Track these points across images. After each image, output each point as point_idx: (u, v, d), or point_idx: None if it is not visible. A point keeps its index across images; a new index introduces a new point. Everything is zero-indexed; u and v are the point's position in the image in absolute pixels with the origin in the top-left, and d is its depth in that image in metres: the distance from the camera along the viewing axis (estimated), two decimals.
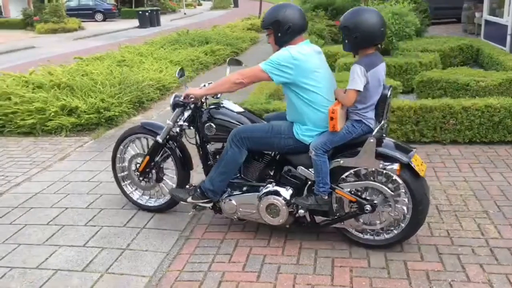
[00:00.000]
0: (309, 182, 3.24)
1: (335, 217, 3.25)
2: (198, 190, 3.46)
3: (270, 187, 3.30)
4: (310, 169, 3.16)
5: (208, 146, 3.61)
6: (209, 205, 3.51)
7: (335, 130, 2.99)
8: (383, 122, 3.11)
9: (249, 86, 3.34)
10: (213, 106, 3.56)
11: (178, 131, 3.66)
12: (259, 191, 3.32)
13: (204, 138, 3.57)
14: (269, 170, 3.42)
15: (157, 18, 26.77)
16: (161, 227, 3.69)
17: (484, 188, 4.09)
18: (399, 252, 3.18)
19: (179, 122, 3.60)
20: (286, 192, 3.26)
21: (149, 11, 26.78)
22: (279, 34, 3.13)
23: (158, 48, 11.86)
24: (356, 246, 3.27)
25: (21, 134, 6.38)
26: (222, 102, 3.57)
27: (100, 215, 3.94)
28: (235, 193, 3.43)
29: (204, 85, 3.61)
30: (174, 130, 3.65)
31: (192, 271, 3.10)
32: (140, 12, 26.87)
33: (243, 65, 3.75)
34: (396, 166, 2.99)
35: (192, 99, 3.44)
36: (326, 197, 3.15)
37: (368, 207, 3.11)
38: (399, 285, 2.85)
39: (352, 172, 3.16)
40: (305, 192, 3.27)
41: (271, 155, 3.40)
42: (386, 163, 3.01)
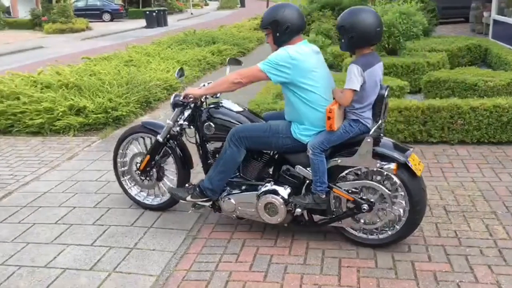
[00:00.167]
0: (307, 181, 3.26)
1: (333, 216, 3.27)
2: (197, 189, 3.48)
3: (269, 186, 3.33)
4: (308, 168, 3.18)
5: (208, 145, 3.63)
6: (208, 204, 3.53)
7: (332, 130, 3.01)
8: (380, 122, 3.12)
9: (256, 86, 3.34)
10: (213, 106, 3.59)
11: (178, 131, 3.69)
12: (258, 190, 3.35)
13: (204, 137, 3.60)
14: (268, 169, 3.45)
15: (164, 18, 26.85)
16: (168, 227, 3.70)
17: (493, 189, 4.07)
18: (407, 253, 3.17)
19: (179, 122, 3.63)
20: (284, 191, 3.28)
21: (156, 11, 26.88)
22: (278, 34, 3.15)
23: (165, 48, 11.90)
24: (361, 247, 3.27)
25: (30, 134, 6.43)
26: (222, 102, 3.60)
27: (108, 214, 3.96)
28: (234, 192, 3.45)
29: (204, 85, 3.63)
30: (174, 130, 3.68)
31: (199, 271, 3.11)
32: (147, 12, 26.98)
33: (243, 65, 3.77)
34: (393, 166, 3.01)
35: (191, 99, 3.48)
36: (324, 196, 3.17)
37: (366, 206, 3.12)
38: (407, 286, 2.84)
39: (350, 172, 3.18)
40: (303, 191, 3.29)
41: (270, 154, 3.43)
42: (383, 163, 3.03)
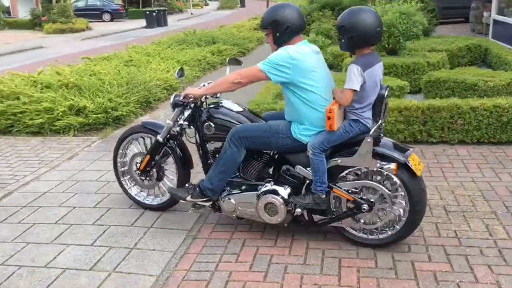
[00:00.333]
0: (307, 181, 3.26)
1: (333, 216, 3.27)
2: (197, 189, 3.49)
3: (269, 186, 3.33)
4: (308, 168, 3.18)
5: (208, 145, 3.63)
6: (208, 204, 3.53)
7: (332, 130, 3.01)
8: (380, 122, 3.12)
9: (256, 86, 3.34)
10: (213, 106, 3.59)
11: (178, 131, 3.70)
12: (258, 190, 3.35)
13: (204, 137, 3.60)
14: (268, 169, 3.45)
15: (164, 18, 26.85)
16: (168, 227, 3.70)
17: (493, 189, 4.07)
18: (407, 253, 3.17)
19: (179, 122, 3.63)
20: (284, 191, 3.28)
21: (156, 11, 26.88)
22: (278, 34, 3.16)
23: (165, 48, 11.90)
24: (361, 246, 3.27)
25: (30, 134, 6.42)
26: (222, 102, 3.60)
27: (108, 214, 3.96)
28: (234, 192, 3.45)
29: (204, 85, 3.64)
30: (174, 130, 3.68)
31: (199, 271, 3.11)
32: (147, 12, 26.98)
33: (243, 65, 3.78)
34: (393, 166, 3.01)
35: (191, 99, 3.48)
36: (324, 196, 3.17)
37: (366, 206, 3.12)
38: (407, 286, 2.84)
39: (350, 172, 3.18)
40: (303, 191, 3.29)
41: (270, 154, 3.43)
42: (383, 163, 3.03)
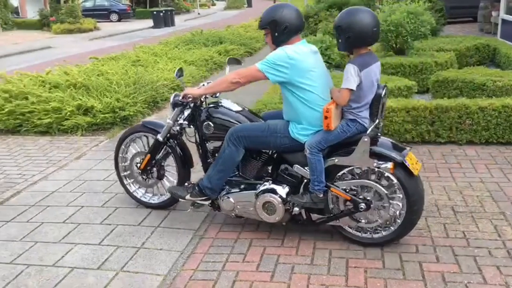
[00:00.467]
0: (305, 180, 3.27)
1: (331, 215, 3.29)
2: (196, 188, 3.51)
3: (267, 185, 3.35)
4: (306, 168, 3.20)
5: (208, 145, 3.66)
6: (207, 203, 3.56)
7: (329, 129, 3.03)
8: (378, 121, 3.13)
9: (263, 86, 3.34)
10: (212, 105, 3.61)
11: (178, 130, 3.73)
12: (256, 189, 3.37)
13: (203, 137, 3.62)
14: (267, 168, 3.47)
15: (171, 18, 26.91)
16: (175, 226, 3.71)
17: (501, 189, 4.04)
18: (415, 253, 3.16)
19: (179, 121, 3.66)
20: (283, 190, 3.30)
21: (164, 11, 26.94)
22: (276, 34, 3.18)
23: (173, 48, 11.92)
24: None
25: (38, 133, 6.47)
26: (221, 101, 3.62)
27: (115, 214, 3.97)
28: (233, 191, 3.48)
29: (203, 84, 3.66)
30: (174, 129, 3.72)
31: (206, 270, 3.11)
32: (155, 13, 27.05)
33: (242, 64, 3.82)
34: (390, 165, 3.02)
35: (190, 99, 3.51)
36: (321, 195, 3.19)
37: (363, 205, 3.14)
38: (415, 287, 2.82)
39: (348, 171, 3.20)
40: (301, 190, 3.31)
41: (268, 154, 3.45)
42: (380, 162, 3.04)
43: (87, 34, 24.09)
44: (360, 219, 3.25)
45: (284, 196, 3.27)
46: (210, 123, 3.51)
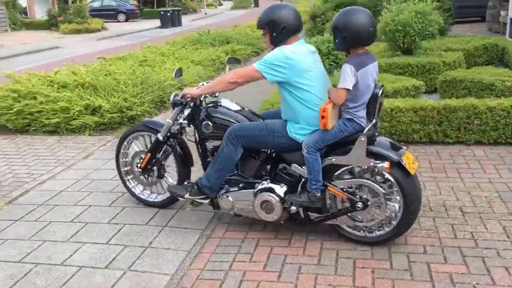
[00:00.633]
0: (303, 180, 3.29)
1: (329, 214, 3.30)
2: (195, 187, 3.54)
3: (265, 184, 3.37)
4: (304, 167, 3.22)
5: (207, 144, 3.68)
6: (207, 201, 3.59)
7: (326, 129, 3.04)
8: (375, 121, 3.14)
9: (271, 87, 3.34)
10: (211, 105, 3.64)
11: (178, 129, 3.76)
12: (255, 188, 3.39)
13: (202, 136, 3.65)
14: (265, 167, 3.49)
15: (179, 18, 26.97)
16: (183, 226, 3.72)
17: (510, 190, 4.01)
18: (422, 254, 3.15)
19: (179, 120, 3.69)
20: (280, 189, 3.32)
21: (171, 11, 27.00)
22: (274, 34, 3.20)
23: (180, 48, 11.94)
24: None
25: (46, 133, 6.51)
26: (220, 101, 3.65)
27: (123, 213, 3.99)
28: (232, 190, 3.50)
29: (203, 84, 3.68)
30: (174, 128, 3.74)
31: (213, 270, 3.12)
32: (162, 13, 27.12)
33: (242, 64, 3.85)
34: (386, 164, 3.03)
35: (189, 99, 3.53)
36: (319, 194, 3.21)
37: (360, 205, 3.16)
38: None
39: (345, 170, 3.22)
40: (299, 189, 3.32)
41: (267, 153, 3.47)
42: (377, 161, 3.05)
43: (95, 34, 24.21)
44: (358, 218, 3.27)
45: (282, 195, 3.30)
46: (209, 123, 3.55)
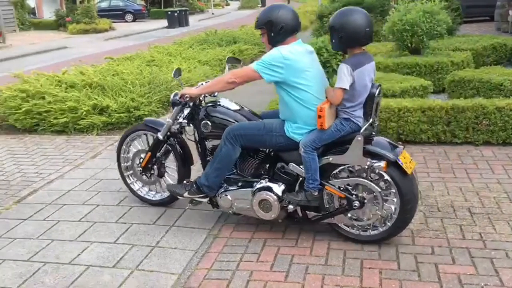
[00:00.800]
0: (301, 179, 3.30)
1: (326, 213, 3.31)
2: (194, 186, 3.56)
3: (263, 183, 3.39)
4: (301, 166, 3.23)
5: (207, 143, 3.70)
6: (206, 200, 3.61)
7: (323, 128, 3.06)
8: (372, 120, 3.15)
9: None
10: (210, 104, 3.66)
11: (178, 128, 3.78)
12: (253, 187, 3.40)
13: (202, 135, 3.67)
14: (264, 167, 3.51)
15: (186, 18, 27.02)
16: (190, 225, 3.73)
17: None
18: (430, 255, 3.13)
19: (179, 120, 3.71)
20: (278, 188, 3.34)
21: (178, 12, 27.06)
22: (272, 34, 3.23)
23: (187, 48, 11.95)
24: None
25: (54, 133, 6.55)
26: (219, 100, 3.67)
27: (130, 213, 4.00)
28: (231, 189, 3.53)
29: (202, 84, 3.70)
30: (174, 128, 3.76)
31: (220, 270, 3.12)
32: (169, 13, 27.19)
33: (242, 63, 3.88)
34: (383, 164, 3.03)
35: (188, 99, 3.55)
36: (316, 193, 3.22)
37: (357, 203, 3.17)
38: None
39: (342, 169, 3.23)
40: (297, 188, 3.34)
41: (265, 152, 3.48)
42: (374, 161, 3.06)
43: (103, 34, 24.31)
44: (355, 217, 3.28)
45: (280, 194, 3.32)
46: (208, 122, 3.57)
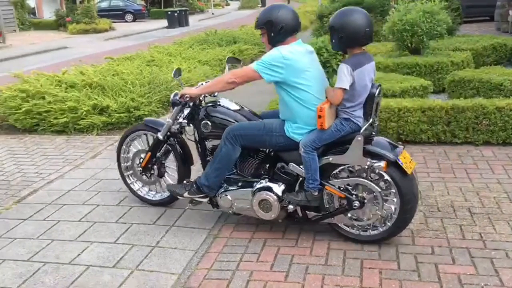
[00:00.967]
0: (301, 179, 3.31)
1: (326, 213, 3.31)
2: (194, 186, 3.57)
3: (263, 183, 3.40)
4: (301, 166, 3.24)
5: (207, 143, 3.71)
6: (206, 200, 3.61)
7: (323, 128, 3.06)
8: (372, 120, 3.15)
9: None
10: (210, 104, 3.66)
11: (178, 128, 3.78)
12: (253, 187, 3.40)
13: (202, 135, 3.67)
14: (264, 166, 3.51)
15: (186, 18, 27.03)
16: (190, 225, 3.73)
17: None
18: (430, 255, 3.13)
19: (179, 120, 3.71)
20: (278, 188, 3.35)
21: (178, 12, 27.07)
22: (272, 34, 3.23)
23: (187, 48, 11.95)
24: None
25: (55, 133, 6.55)
26: (219, 100, 3.67)
27: (130, 213, 4.00)
28: (231, 189, 3.53)
29: (202, 84, 3.71)
30: (174, 128, 3.77)
31: (220, 270, 3.12)
32: (169, 13, 27.19)
33: (241, 63, 3.90)
34: (383, 164, 3.04)
35: (187, 99, 3.56)
36: (316, 193, 3.22)
37: (357, 203, 3.18)
38: None
39: (343, 169, 3.23)
40: (297, 188, 3.34)
41: (265, 152, 3.48)
42: (374, 161, 3.06)
43: (103, 34, 24.31)
44: (355, 217, 3.28)
45: (280, 194, 3.33)
46: (208, 122, 3.58)
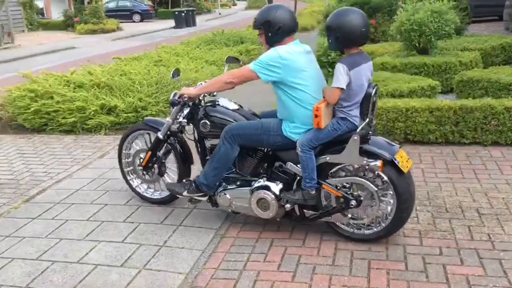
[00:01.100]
0: (298, 178, 3.32)
1: (324, 211, 3.32)
2: (193, 184, 3.60)
3: (261, 182, 3.42)
4: (299, 165, 3.25)
5: (206, 142, 3.73)
6: (205, 199, 3.64)
7: (320, 127, 3.07)
8: (368, 120, 3.16)
9: None
10: (209, 104, 3.68)
11: (178, 128, 3.80)
12: (251, 186, 3.42)
13: (201, 134, 3.70)
14: (262, 166, 3.53)
15: (193, 19, 27.11)
16: (197, 225, 3.73)
17: None
18: (438, 256, 3.12)
19: (179, 119, 3.74)
20: (276, 187, 3.37)
21: (185, 12, 27.16)
22: (270, 34, 3.25)
23: (194, 48, 11.98)
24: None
25: (63, 132, 6.59)
26: (218, 100, 3.69)
27: (138, 212, 4.02)
28: (229, 187, 3.56)
29: (201, 83, 3.73)
30: (174, 127, 3.79)
31: (228, 269, 3.13)
32: (176, 13, 27.28)
33: (241, 63, 3.92)
34: (379, 163, 3.05)
35: (186, 99, 3.58)
36: (313, 192, 3.24)
37: (354, 202, 3.19)
38: None
39: (340, 168, 3.25)
40: (294, 187, 3.35)
41: (264, 151, 3.49)
42: (370, 160, 3.07)
43: (110, 35, 24.43)
44: (352, 216, 3.29)
45: (278, 193, 3.34)
46: (207, 121, 3.60)
